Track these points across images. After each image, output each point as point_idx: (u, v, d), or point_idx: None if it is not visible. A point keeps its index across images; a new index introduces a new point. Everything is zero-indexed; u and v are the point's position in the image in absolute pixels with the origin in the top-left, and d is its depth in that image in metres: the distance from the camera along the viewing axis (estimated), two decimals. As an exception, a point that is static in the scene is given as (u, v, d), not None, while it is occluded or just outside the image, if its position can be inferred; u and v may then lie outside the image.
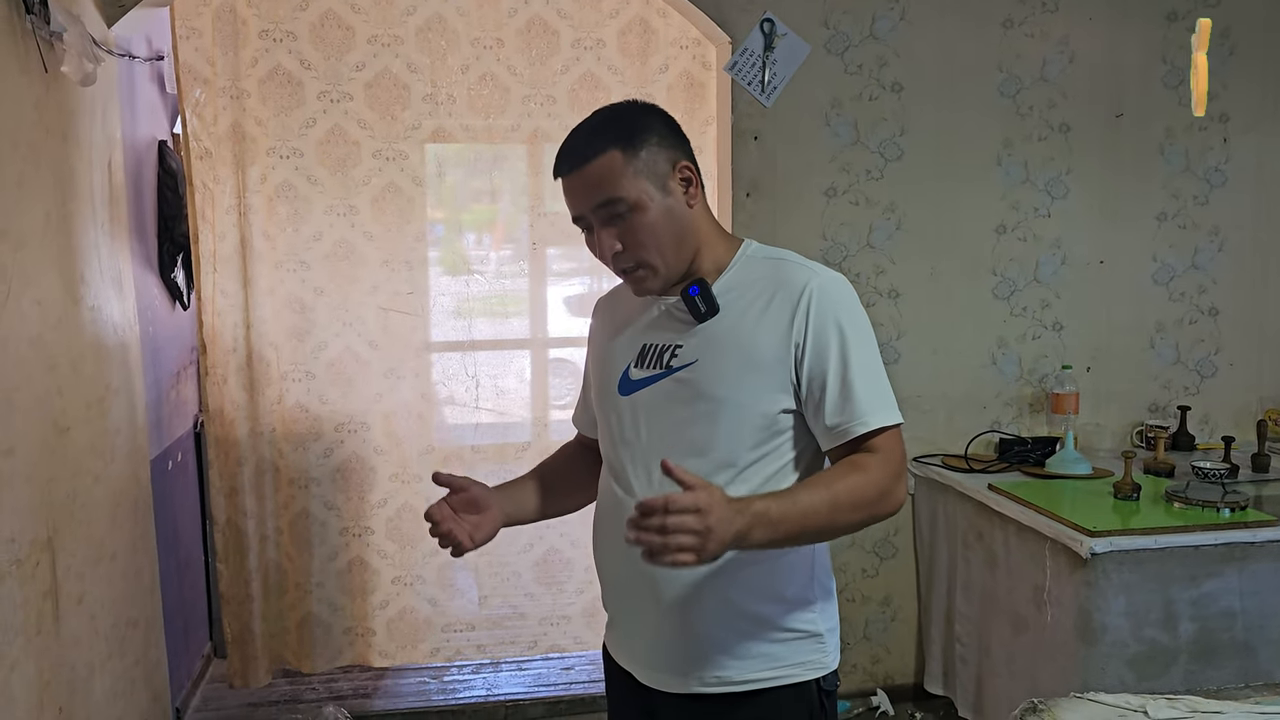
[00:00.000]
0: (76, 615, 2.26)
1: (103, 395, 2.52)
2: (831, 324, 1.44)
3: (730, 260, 1.53)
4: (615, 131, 1.46)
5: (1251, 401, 3.36)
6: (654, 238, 1.46)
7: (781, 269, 1.49)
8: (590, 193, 1.46)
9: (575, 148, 1.48)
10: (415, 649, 3.40)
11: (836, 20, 3.03)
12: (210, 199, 3.05)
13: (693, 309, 1.48)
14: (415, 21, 3.09)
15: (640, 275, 1.49)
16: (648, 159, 1.46)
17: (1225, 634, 2.47)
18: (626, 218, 1.45)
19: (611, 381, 1.59)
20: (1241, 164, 3.27)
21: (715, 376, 1.46)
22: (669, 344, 1.51)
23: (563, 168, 1.49)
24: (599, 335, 1.68)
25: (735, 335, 1.46)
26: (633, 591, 1.55)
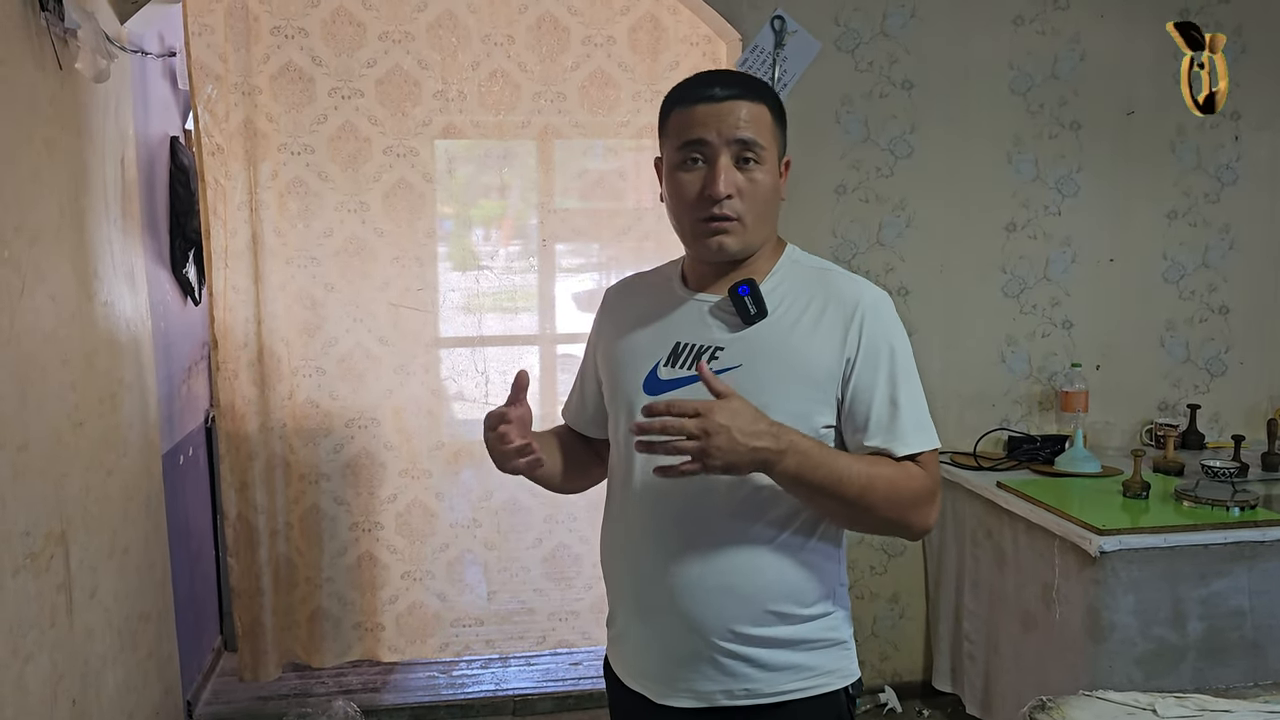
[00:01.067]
0: (90, 608, 2.27)
1: (115, 390, 2.53)
2: (884, 343, 1.42)
3: (775, 263, 1.49)
4: (772, 96, 1.46)
5: (1262, 400, 3.35)
6: (762, 199, 1.43)
7: (831, 280, 1.47)
8: (738, 125, 1.40)
9: (735, 80, 1.44)
10: (424, 644, 3.41)
11: (847, 17, 3.03)
12: (222, 195, 3.06)
13: (741, 309, 1.44)
14: (426, 18, 3.09)
15: (729, 228, 1.42)
16: (779, 134, 1.46)
17: (1234, 633, 2.47)
18: (752, 169, 1.41)
19: (634, 378, 1.50)
20: (1253, 161, 3.26)
21: (761, 384, 1.40)
22: (708, 344, 1.45)
23: (716, 91, 1.42)
24: (610, 327, 1.60)
25: (785, 343, 1.42)
26: (649, 603, 1.48)
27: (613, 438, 1.58)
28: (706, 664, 1.44)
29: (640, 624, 1.51)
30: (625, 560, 1.53)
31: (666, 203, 1.49)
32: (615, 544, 1.56)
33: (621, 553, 1.54)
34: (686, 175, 1.43)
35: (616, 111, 3.22)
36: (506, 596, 3.46)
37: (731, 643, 1.43)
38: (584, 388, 1.69)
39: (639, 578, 1.50)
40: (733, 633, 1.43)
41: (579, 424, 1.71)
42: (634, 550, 1.50)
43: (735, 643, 1.43)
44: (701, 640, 1.44)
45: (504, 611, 3.46)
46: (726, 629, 1.43)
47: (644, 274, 1.66)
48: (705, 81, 1.44)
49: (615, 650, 1.59)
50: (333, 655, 3.34)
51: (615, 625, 1.58)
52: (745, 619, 1.42)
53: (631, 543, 1.51)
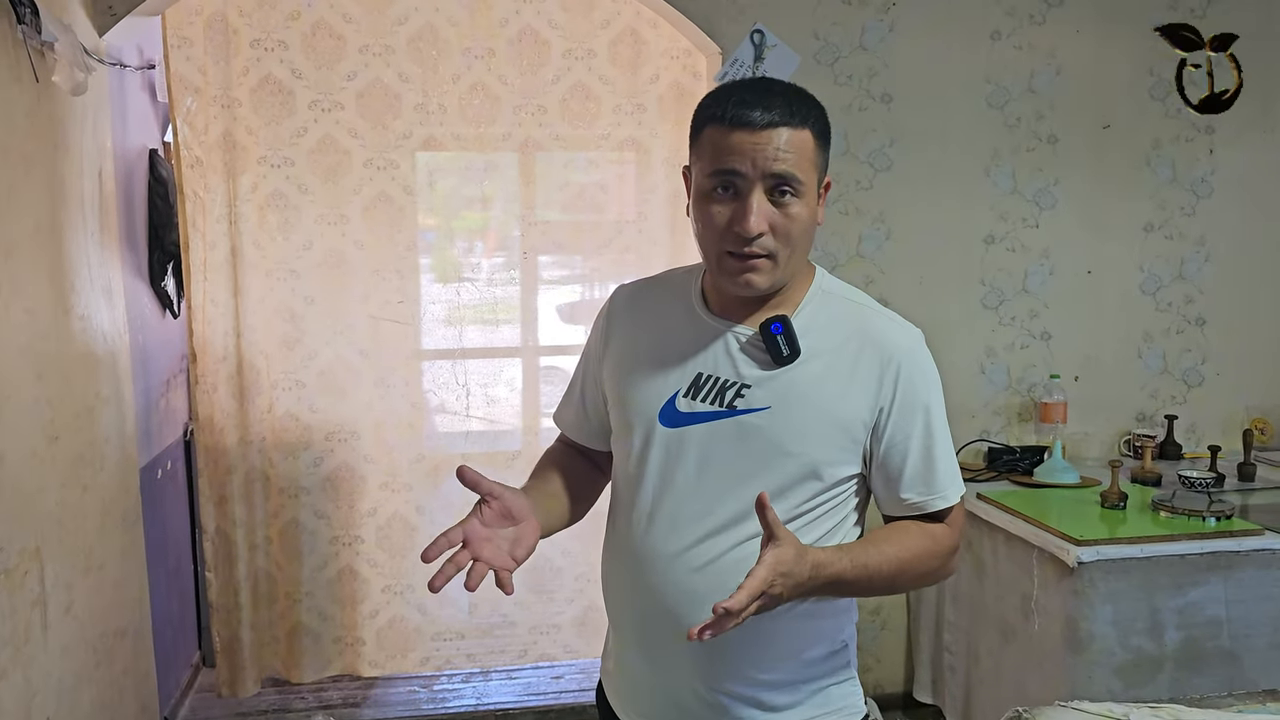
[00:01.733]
0: (65, 625, 2.25)
1: (92, 404, 2.52)
2: (920, 395, 1.37)
3: (806, 292, 1.40)
4: (817, 114, 1.33)
5: (1238, 411, 3.38)
6: (798, 234, 1.32)
7: (866, 319, 1.39)
8: (776, 158, 1.28)
9: (778, 101, 1.29)
10: (405, 658, 3.39)
11: (826, 31, 3.05)
12: (201, 207, 3.05)
13: (772, 349, 1.34)
14: (406, 31, 3.10)
15: (760, 265, 1.32)
16: (823, 160, 1.35)
17: (1211, 642, 2.49)
18: (789, 203, 1.30)
19: (650, 405, 1.41)
20: (1228, 175, 3.30)
21: (789, 429, 1.34)
22: (734, 381, 1.36)
23: (755, 117, 1.28)
24: (620, 338, 1.49)
25: (817, 389, 1.34)
26: (655, 644, 1.41)
27: (621, 464, 1.48)
28: (711, 706, 1.40)
29: (644, 663, 1.45)
30: (631, 596, 1.45)
31: (693, 224, 1.37)
32: (620, 579, 1.47)
33: (628, 589, 1.45)
34: (716, 205, 1.32)
35: (597, 124, 3.23)
36: (488, 610, 3.45)
37: (740, 685, 1.39)
38: (584, 398, 1.57)
39: (645, 617, 1.42)
40: (742, 677, 1.38)
41: (580, 436, 1.60)
42: (642, 588, 1.41)
43: (743, 685, 1.38)
44: (709, 684, 1.39)
45: (485, 625, 3.45)
46: (736, 673, 1.38)
47: (655, 282, 1.54)
48: (745, 101, 1.29)
49: (613, 683, 1.54)
50: (312, 670, 3.32)
51: (615, 659, 1.53)
52: (755, 663, 1.38)
53: (639, 580, 1.42)
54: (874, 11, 3.06)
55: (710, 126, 1.32)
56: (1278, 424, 3.39)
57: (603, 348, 1.51)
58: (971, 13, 3.11)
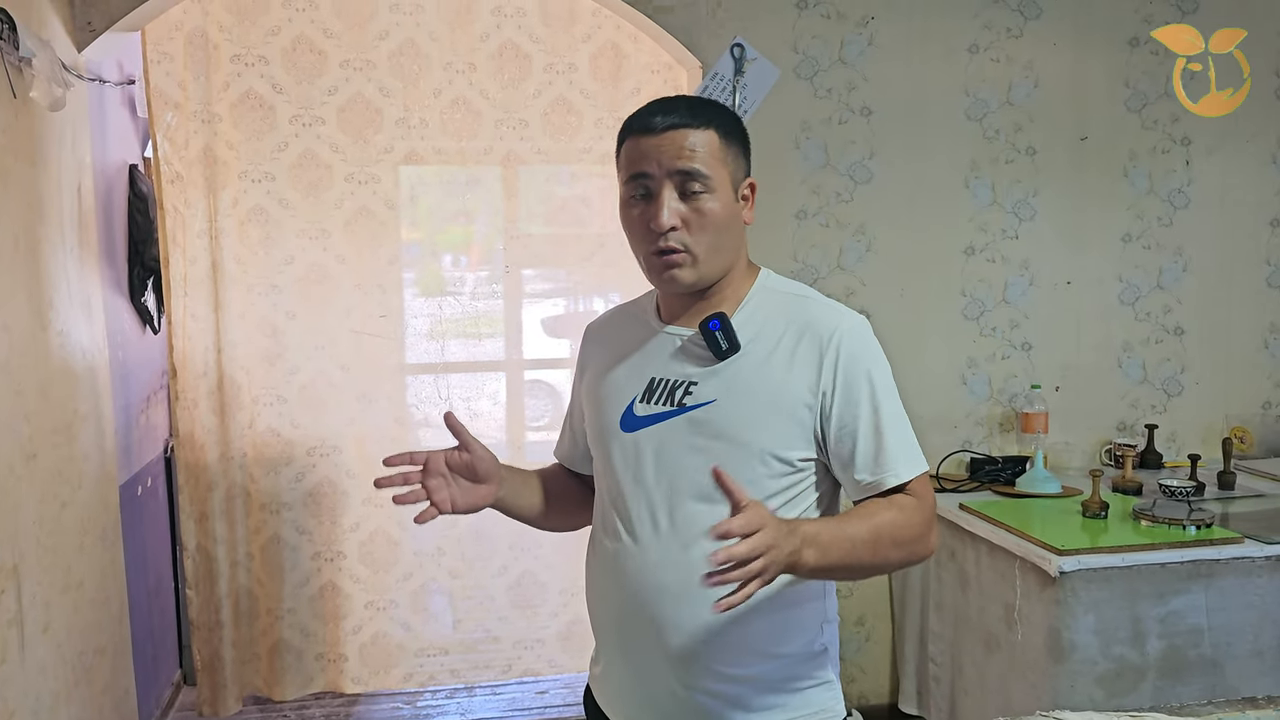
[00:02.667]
0: (43, 643, 2.23)
1: (71, 421, 2.50)
2: (862, 373, 1.40)
3: (749, 290, 1.46)
4: (719, 116, 1.42)
5: (1217, 419, 3.40)
6: (714, 230, 1.39)
7: (806, 308, 1.44)
8: (679, 155, 1.37)
9: (678, 108, 1.40)
10: (388, 674, 3.37)
11: (806, 45, 3.07)
12: (181, 223, 3.04)
13: (712, 345, 1.41)
14: (388, 46, 3.10)
15: (679, 260, 1.39)
16: (735, 158, 1.43)
17: (1193, 650, 2.50)
18: (699, 199, 1.38)
19: (612, 416, 1.48)
20: (1204, 186, 3.33)
21: (736, 418, 1.39)
22: (681, 379, 1.43)
23: (656, 121, 1.39)
24: (592, 363, 1.58)
25: (759, 376, 1.39)
26: (637, 645, 1.45)
27: (596, 477, 1.55)
28: (689, 707, 1.42)
29: (624, 663, 1.49)
30: (609, 599, 1.49)
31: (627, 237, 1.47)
32: (599, 582, 1.52)
33: (605, 591, 1.50)
34: (634, 209, 1.41)
35: (579, 138, 3.23)
36: (472, 625, 3.43)
37: (716, 683, 1.40)
38: (573, 425, 1.67)
39: (623, 617, 1.46)
40: (716, 674, 1.40)
41: (572, 462, 1.69)
42: (618, 590, 1.46)
43: (719, 683, 1.40)
44: (685, 682, 1.41)
45: (469, 640, 3.43)
46: (710, 670, 1.40)
47: (623, 307, 1.62)
48: (649, 110, 1.41)
49: (600, 688, 1.56)
50: (294, 688, 3.30)
51: (600, 663, 1.56)
52: (730, 660, 1.40)
53: (616, 582, 1.47)
54: (853, 25, 3.08)
55: (625, 142, 1.43)
56: (1257, 433, 3.41)
57: (580, 377, 1.62)
58: (950, 26, 3.14)
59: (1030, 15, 3.17)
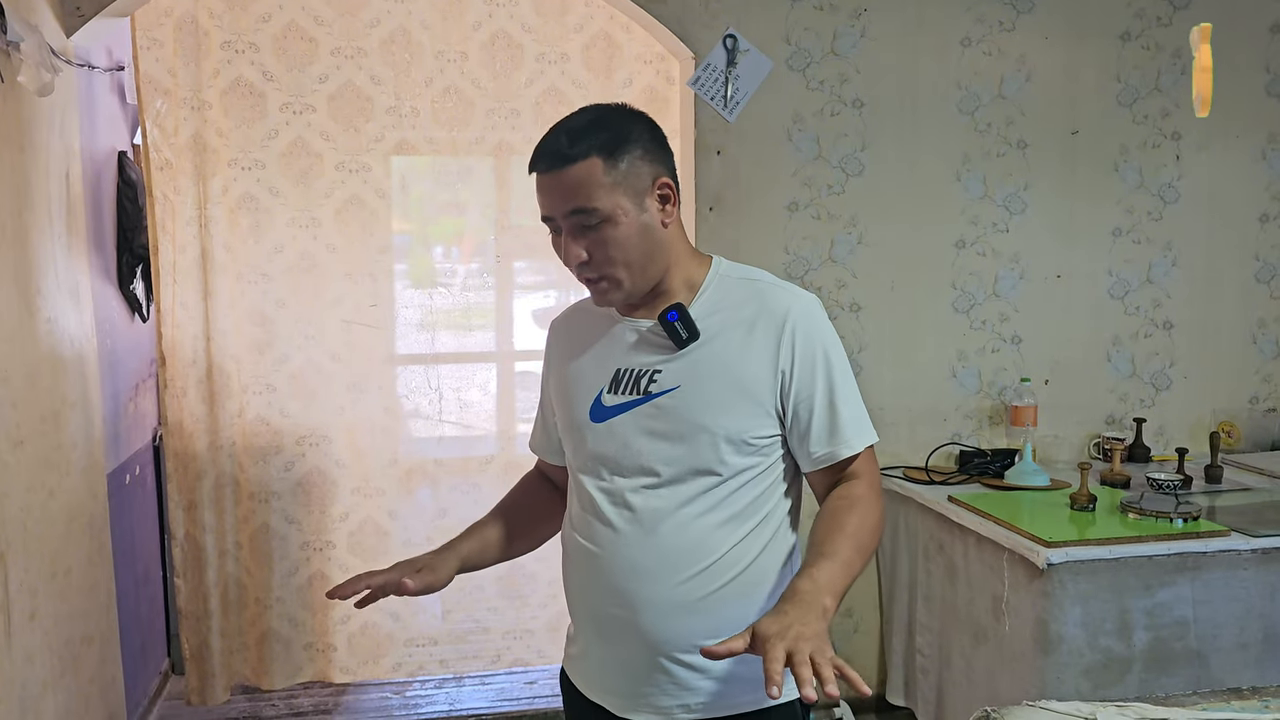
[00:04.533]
0: (29, 631, 2.22)
1: (58, 408, 2.49)
2: (818, 351, 1.46)
3: (704, 279, 1.51)
4: (599, 138, 1.41)
5: (1205, 413, 3.42)
6: (623, 253, 1.43)
7: (760, 292, 1.49)
8: (564, 197, 1.41)
9: (556, 148, 1.41)
10: (377, 664, 3.37)
11: (798, 37, 3.06)
12: (171, 210, 3.03)
13: (672, 334, 1.46)
14: (379, 34, 3.09)
15: (603, 287, 1.46)
16: (628, 171, 1.42)
17: (1178, 642, 2.51)
18: (597, 229, 1.41)
19: (581, 407, 1.54)
20: (1194, 181, 3.34)
21: (699, 403, 1.44)
22: (646, 369, 1.48)
23: (539, 165, 1.43)
24: (557, 358, 1.64)
25: (720, 361, 1.45)
26: (612, 630, 1.51)
27: (570, 465, 1.60)
28: (665, 678, 1.48)
29: (600, 641, 1.54)
30: (585, 582, 1.55)
31: None
32: (575, 567, 1.58)
33: (581, 575, 1.56)
34: (555, 244, 1.48)
35: (571, 128, 3.22)
36: (461, 615, 3.43)
37: (688, 654, 1.46)
38: (545, 418, 1.71)
39: (598, 598, 1.52)
40: (690, 647, 1.45)
41: (545, 453, 1.74)
42: (593, 573, 1.52)
43: (693, 655, 1.44)
44: (659, 656, 1.47)
45: (459, 631, 3.43)
46: (683, 644, 1.45)
47: (584, 302, 1.65)
48: (539, 150, 1.44)
49: (575, 666, 1.62)
50: (283, 677, 3.29)
51: (576, 643, 1.61)
52: (701, 633, 1.43)
53: (591, 565, 1.53)
54: (846, 17, 3.08)
55: (530, 171, 1.47)
56: (1244, 427, 3.43)
57: (548, 371, 1.68)
58: (942, 19, 3.14)
59: (1023, 9, 3.17)
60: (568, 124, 1.44)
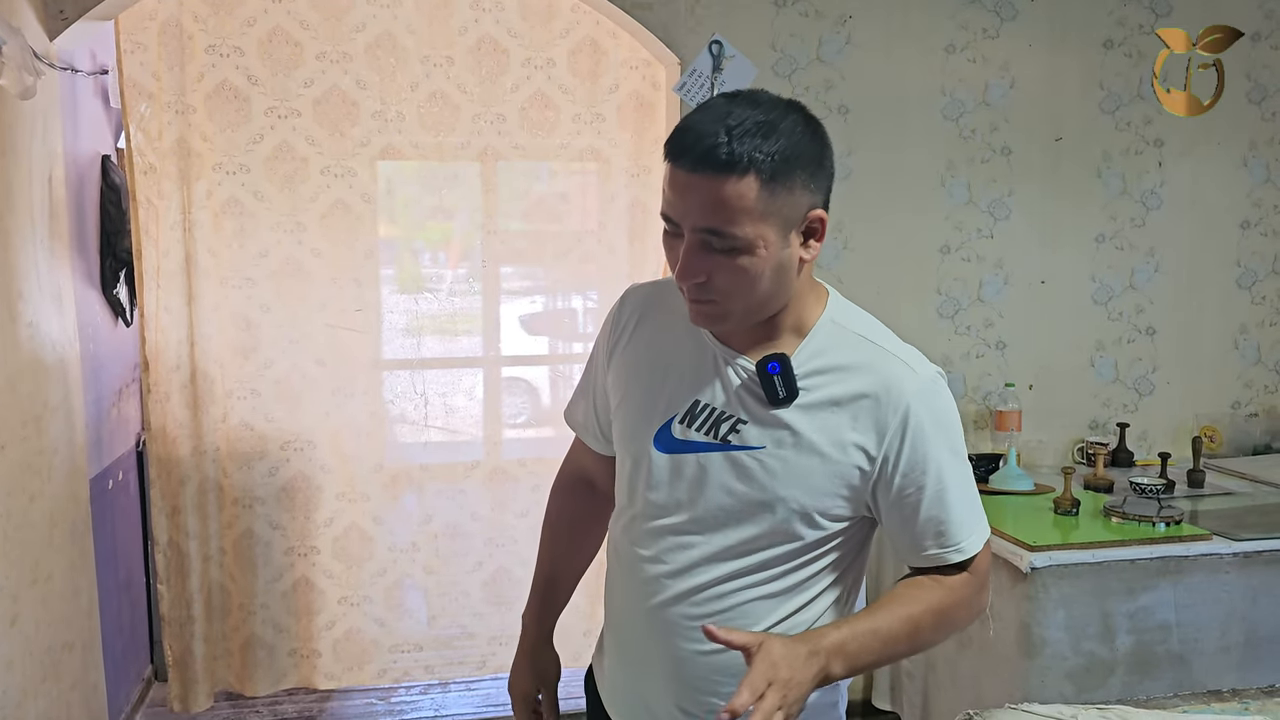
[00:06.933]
0: (10, 638, 2.21)
1: (40, 413, 2.47)
2: (930, 443, 1.28)
3: (813, 323, 1.32)
4: (766, 150, 1.17)
5: (1188, 418, 3.44)
6: (750, 286, 1.23)
7: (875, 361, 1.30)
8: (702, 209, 1.19)
9: (711, 146, 1.17)
10: (362, 670, 3.35)
11: (784, 43, 3.07)
12: (155, 214, 3.01)
13: (768, 388, 1.27)
14: (364, 38, 3.08)
15: (708, 311, 1.26)
16: (784, 201, 1.20)
17: (1161, 646, 2.52)
18: (731, 256, 1.20)
19: (646, 428, 1.36)
20: (1176, 188, 3.36)
21: (781, 472, 1.28)
22: (730, 415, 1.30)
23: (683, 159, 1.19)
24: (629, 341, 1.42)
25: (814, 431, 1.27)
26: (634, 652, 1.44)
27: (619, 474, 1.45)
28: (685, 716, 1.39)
29: (623, 668, 1.48)
30: (619, 603, 1.47)
31: None
32: (613, 582, 1.48)
33: (617, 594, 1.47)
34: (669, 241, 1.26)
35: (556, 134, 3.23)
36: (446, 621, 3.42)
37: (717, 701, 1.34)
38: (593, 400, 1.52)
39: (628, 628, 1.44)
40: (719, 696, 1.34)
41: (587, 435, 1.56)
42: (627, 599, 1.43)
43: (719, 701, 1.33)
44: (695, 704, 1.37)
45: (444, 636, 3.42)
46: (710, 698, 1.35)
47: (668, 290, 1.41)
48: (686, 131, 1.20)
49: (600, 677, 1.56)
50: (267, 684, 3.27)
51: (603, 652, 1.54)
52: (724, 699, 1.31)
53: (626, 590, 1.43)
54: (831, 24, 3.10)
55: (666, 159, 1.23)
56: (1226, 432, 3.45)
57: (609, 352, 1.46)
58: (926, 26, 3.15)
59: (1006, 16, 3.19)
60: (732, 115, 1.18)
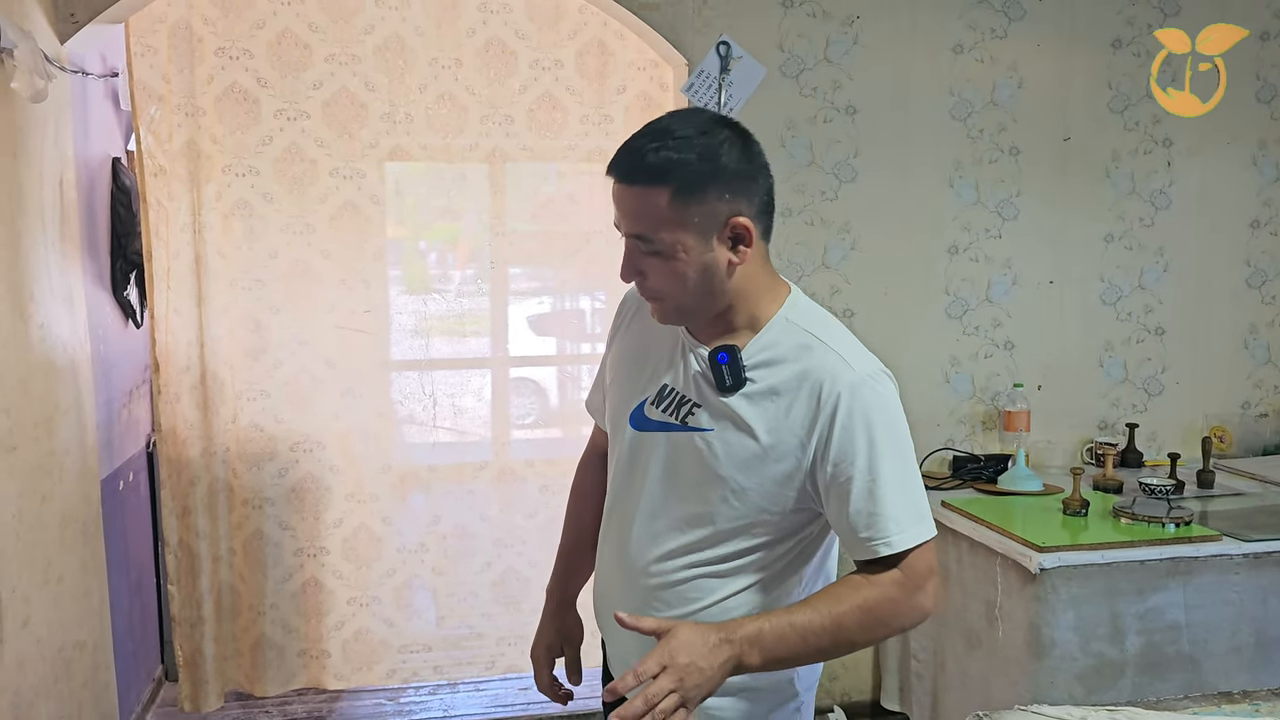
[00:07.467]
0: (22, 638, 2.22)
1: (51, 415, 2.48)
2: (860, 433, 1.32)
3: (768, 319, 1.40)
4: (680, 166, 1.30)
5: (1197, 419, 3.43)
6: (679, 287, 1.35)
7: (814, 355, 1.36)
8: (625, 216, 1.35)
9: (632, 161, 1.33)
10: (371, 671, 3.36)
11: (791, 44, 3.07)
12: (165, 216, 3.03)
13: (717, 376, 1.37)
14: (373, 41, 3.09)
15: (658, 309, 1.40)
16: (699, 210, 1.31)
17: (1171, 647, 2.52)
18: (657, 258, 1.34)
19: (625, 407, 1.50)
20: (1185, 187, 3.35)
21: (726, 456, 1.37)
22: (688, 398, 1.42)
23: (612, 169, 1.36)
24: (624, 332, 1.58)
25: (755, 420, 1.36)
26: (606, 617, 1.56)
27: (609, 452, 1.58)
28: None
29: (608, 637, 1.61)
30: (599, 574, 1.60)
31: None
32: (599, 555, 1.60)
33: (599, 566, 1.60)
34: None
35: (564, 135, 3.23)
36: (455, 621, 3.42)
37: None
38: (604, 383, 1.65)
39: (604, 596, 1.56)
40: None
41: (600, 419, 1.69)
42: (603, 569, 1.57)
43: None
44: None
45: (453, 637, 3.43)
46: None
47: None
48: (618, 153, 1.36)
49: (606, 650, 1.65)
50: (277, 684, 3.29)
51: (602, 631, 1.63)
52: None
53: (602, 561, 1.58)
54: (839, 25, 3.09)
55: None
56: (1236, 432, 3.44)
57: (611, 342, 1.62)
58: (934, 26, 3.15)
59: (1014, 16, 3.18)
60: (655, 131, 1.34)
